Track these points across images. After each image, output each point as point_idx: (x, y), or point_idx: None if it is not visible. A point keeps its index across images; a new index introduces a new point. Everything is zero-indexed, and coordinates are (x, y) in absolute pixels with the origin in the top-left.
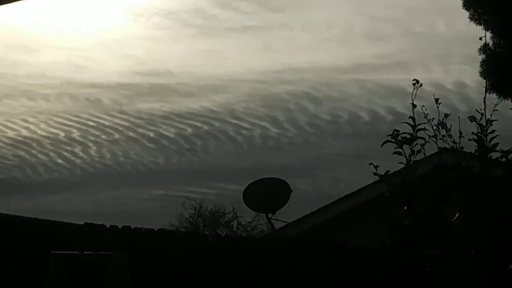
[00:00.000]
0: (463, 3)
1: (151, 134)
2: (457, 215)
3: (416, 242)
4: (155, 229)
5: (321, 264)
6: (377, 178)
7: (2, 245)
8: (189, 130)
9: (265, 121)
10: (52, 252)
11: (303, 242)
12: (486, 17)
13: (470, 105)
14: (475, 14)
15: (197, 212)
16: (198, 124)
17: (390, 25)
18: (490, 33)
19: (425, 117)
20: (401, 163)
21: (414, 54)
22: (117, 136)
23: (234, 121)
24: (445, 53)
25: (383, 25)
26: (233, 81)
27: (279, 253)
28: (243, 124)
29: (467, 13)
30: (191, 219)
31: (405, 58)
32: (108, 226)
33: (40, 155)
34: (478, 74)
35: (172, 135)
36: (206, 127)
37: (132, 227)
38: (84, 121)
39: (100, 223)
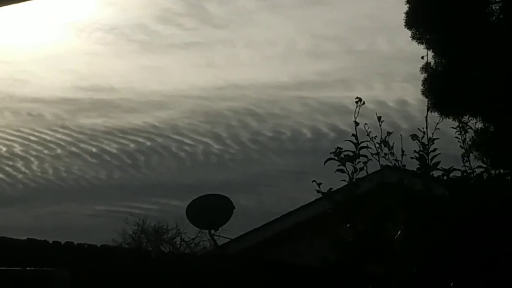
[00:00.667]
0: (405, 23)
1: (94, 150)
2: (399, 233)
3: (359, 259)
4: (98, 245)
5: (262, 280)
6: (320, 195)
7: None
8: (132, 145)
9: (207, 137)
10: None
11: (245, 258)
12: (427, 36)
13: (412, 123)
14: (417, 33)
15: (140, 228)
16: (140, 139)
17: (332, 43)
18: (432, 52)
19: (368, 135)
20: (343, 180)
21: (356, 72)
22: (59, 151)
23: (177, 137)
24: (387, 71)
25: (325, 43)
26: (175, 97)
27: (220, 270)
28: (186, 140)
29: (409, 32)
30: (134, 235)
31: (347, 76)
32: (50, 241)
33: None
34: (419, 92)
35: (114, 151)
36: (149, 143)
37: (75, 243)
38: (26, 136)
39: (43, 238)
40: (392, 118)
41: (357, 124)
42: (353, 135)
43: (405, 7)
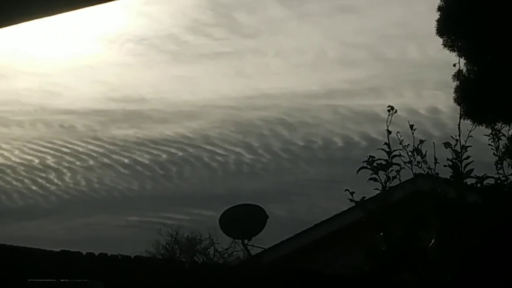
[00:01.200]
0: (436, 30)
1: (126, 160)
2: (432, 241)
3: (392, 268)
4: (132, 256)
5: None
6: (353, 204)
7: None
8: (164, 156)
9: (239, 147)
10: (28, 280)
11: (279, 268)
12: (459, 44)
13: (444, 131)
14: (449, 40)
15: (173, 239)
16: (172, 150)
17: (362, 50)
18: (464, 59)
19: (400, 143)
20: (376, 189)
21: (386, 80)
22: (91, 162)
23: (208, 147)
24: (418, 79)
25: (354, 51)
26: (206, 107)
27: (254, 279)
28: (217, 150)
29: (439, 39)
30: (167, 246)
31: (378, 84)
32: (84, 253)
33: (14, 182)
34: (451, 99)
35: (146, 161)
36: (180, 153)
37: (109, 254)
38: (59, 148)
39: (76, 250)
40: (424, 126)
41: (389, 132)
42: (385, 143)
43: (435, 15)
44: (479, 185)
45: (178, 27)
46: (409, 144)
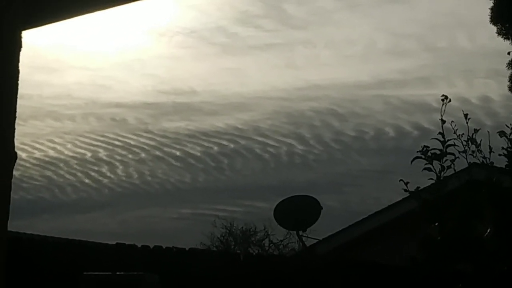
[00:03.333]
0: (490, 18)
1: (177, 153)
2: (488, 231)
3: (448, 258)
4: (187, 249)
5: (352, 280)
6: (404, 194)
7: (33, 266)
8: (215, 148)
9: (291, 138)
10: (84, 273)
11: (334, 258)
12: None
13: (496, 119)
14: (503, 28)
15: (228, 231)
16: (224, 142)
17: (412, 40)
18: None
19: (455, 133)
20: (431, 179)
21: (437, 69)
22: (143, 155)
23: (260, 139)
24: (468, 68)
25: (404, 41)
26: (257, 98)
27: (309, 270)
28: (269, 142)
29: (489, 28)
30: (222, 238)
31: (428, 73)
32: (139, 246)
33: (67, 175)
34: (503, 88)
35: (198, 154)
36: (232, 145)
37: (164, 247)
38: (110, 141)
39: (129, 242)
40: (476, 115)
41: (443, 122)
42: (439, 133)
43: (485, 3)
44: None
45: (227, 19)
46: (463, 134)
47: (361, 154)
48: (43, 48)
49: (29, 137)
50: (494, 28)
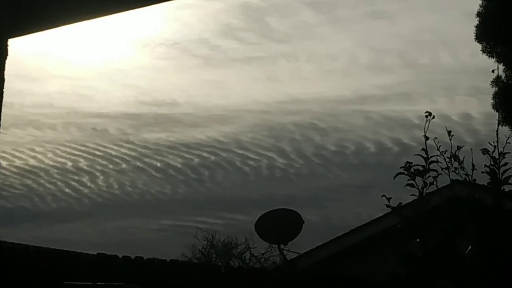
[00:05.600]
0: (475, 36)
1: (158, 164)
2: (469, 248)
3: (429, 274)
4: (168, 260)
5: None
6: (386, 209)
7: (14, 275)
8: (196, 160)
9: (271, 151)
10: (65, 282)
11: (315, 273)
12: (498, 50)
13: (477, 137)
14: (488, 46)
15: (209, 243)
16: (204, 154)
17: (393, 56)
18: (503, 65)
19: (438, 149)
20: (413, 195)
21: (418, 86)
22: (124, 166)
23: (240, 152)
24: (450, 85)
25: (386, 57)
26: (238, 111)
27: (291, 284)
28: (249, 155)
29: (470, 45)
30: (203, 250)
31: (409, 90)
32: (120, 256)
33: (47, 185)
34: (484, 106)
35: (179, 165)
36: (213, 157)
37: (145, 258)
38: (91, 151)
39: (109, 253)
40: (456, 132)
41: (427, 138)
42: (422, 149)
43: (467, 21)
44: None
45: (210, 32)
46: (446, 150)
47: (342, 168)
48: (25, 56)
49: (10, 145)
50: (475, 46)
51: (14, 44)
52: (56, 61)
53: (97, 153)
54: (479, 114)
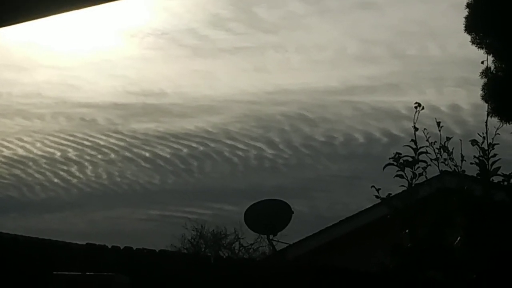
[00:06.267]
0: (464, 27)
1: (147, 154)
2: (458, 239)
3: (418, 265)
4: (157, 250)
5: (323, 286)
6: (374, 200)
7: (3, 265)
8: (185, 150)
9: (260, 142)
10: (54, 272)
11: (304, 264)
12: (488, 41)
13: (465, 128)
14: (477, 38)
15: (198, 233)
16: (193, 144)
17: (382, 47)
18: (492, 57)
19: (427, 140)
20: (402, 186)
21: (406, 77)
22: (113, 156)
23: (229, 142)
24: (438, 76)
25: (374, 47)
26: (226, 101)
27: (280, 274)
28: (238, 145)
29: (459, 36)
30: (193, 240)
31: (397, 80)
32: (109, 246)
33: (36, 174)
34: (472, 97)
35: (167, 155)
36: (201, 148)
37: (134, 248)
38: (80, 141)
39: (98, 243)
40: (445, 123)
41: (416, 129)
42: (412, 140)
43: (454, 12)
44: (505, 183)
45: (198, 22)
46: (435, 142)
47: (331, 159)
48: (12, 46)
49: None
50: (463, 37)
51: (1, 34)
52: (44, 51)
53: (86, 143)
54: (467, 105)
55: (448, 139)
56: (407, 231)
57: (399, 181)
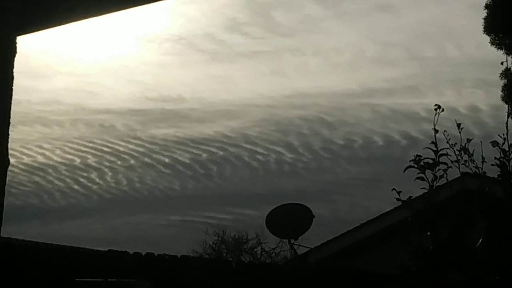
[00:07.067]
0: (484, 28)
1: (166, 160)
2: (480, 241)
3: (440, 267)
4: (179, 256)
5: None
6: (395, 203)
7: (25, 272)
8: (204, 155)
9: (279, 146)
10: (76, 279)
11: (326, 268)
12: (507, 42)
13: (485, 129)
14: (496, 38)
15: (220, 238)
16: (212, 149)
17: (400, 49)
18: None
19: (447, 142)
20: (423, 188)
21: (425, 78)
22: (132, 162)
23: (248, 146)
24: (456, 77)
25: (392, 50)
26: (245, 106)
27: (302, 279)
28: (258, 149)
29: (476, 37)
30: (214, 245)
31: (416, 82)
32: (131, 252)
33: (56, 181)
34: (491, 97)
35: (187, 161)
36: (221, 153)
37: (155, 254)
38: (99, 147)
39: (119, 249)
40: (464, 125)
41: (436, 131)
42: (432, 142)
43: (472, 13)
44: None
45: (215, 26)
46: (456, 143)
47: (350, 162)
48: (31, 53)
49: (18, 142)
50: (481, 38)
51: (20, 41)
52: (62, 58)
53: (105, 149)
54: (486, 106)
55: (468, 140)
56: (428, 233)
57: (420, 184)
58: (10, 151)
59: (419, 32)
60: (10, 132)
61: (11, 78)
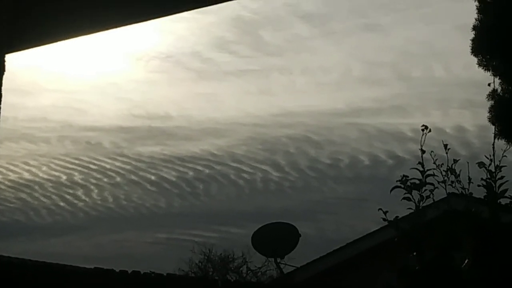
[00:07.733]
0: (471, 49)
1: (153, 177)
2: (466, 261)
3: (426, 287)
4: (165, 274)
5: None
6: (381, 222)
7: None
8: (190, 173)
9: (266, 164)
10: None
11: (312, 287)
12: (494, 63)
13: (471, 150)
14: (484, 60)
15: (206, 257)
16: (199, 167)
17: (387, 69)
18: (499, 79)
19: (434, 163)
20: (409, 208)
21: (412, 98)
22: (118, 179)
23: (235, 165)
24: (443, 98)
25: (379, 69)
26: (232, 124)
27: None
28: (244, 168)
29: (463, 58)
30: (200, 264)
31: (403, 102)
32: (117, 270)
33: (42, 198)
34: (477, 118)
35: (173, 179)
36: (207, 171)
37: (142, 272)
38: (86, 164)
39: (104, 266)
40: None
41: (423, 152)
42: (419, 163)
43: (459, 34)
44: None
45: (203, 45)
46: (443, 164)
47: (336, 181)
48: (17, 70)
49: (4, 159)
50: (468, 58)
51: (7, 58)
52: (49, 75)
53: (92, 166)
54: (473, 127)
55: (455, 161)
56: (414, 253)
57: (406, 204)
58: None
59: (407, 52)
60: None
61: None
